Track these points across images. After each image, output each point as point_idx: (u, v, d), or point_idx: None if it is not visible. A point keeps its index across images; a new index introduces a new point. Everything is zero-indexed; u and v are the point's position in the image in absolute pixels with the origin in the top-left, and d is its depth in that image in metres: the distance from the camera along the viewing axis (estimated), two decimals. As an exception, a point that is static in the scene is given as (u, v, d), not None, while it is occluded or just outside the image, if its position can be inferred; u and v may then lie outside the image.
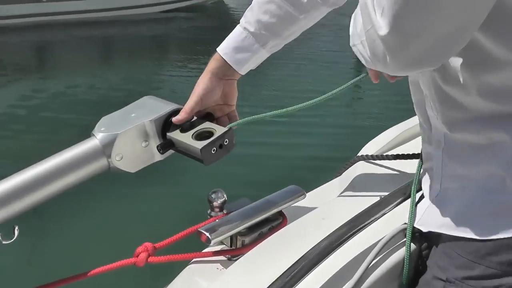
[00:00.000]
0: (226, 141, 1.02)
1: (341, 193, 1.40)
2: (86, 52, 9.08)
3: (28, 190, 0.92)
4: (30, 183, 0.93)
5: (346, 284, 0.89)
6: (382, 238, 0.98)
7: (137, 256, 1.01)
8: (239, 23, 1.11)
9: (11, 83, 6.78)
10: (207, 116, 1.10)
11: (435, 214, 0.90)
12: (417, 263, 1.00)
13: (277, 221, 1.12)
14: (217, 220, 1.05)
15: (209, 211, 1.10)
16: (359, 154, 1.55)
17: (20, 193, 0.91)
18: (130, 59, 8.85)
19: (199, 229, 1.01)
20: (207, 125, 1.06)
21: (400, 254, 0.99)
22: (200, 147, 0.99)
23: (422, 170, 1.06)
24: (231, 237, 1.06)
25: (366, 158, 1.49)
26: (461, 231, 0.81)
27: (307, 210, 1.27)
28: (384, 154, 1.51)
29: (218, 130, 1.03)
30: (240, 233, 1.06)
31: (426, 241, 0.97)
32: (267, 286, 0.79)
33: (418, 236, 0.98)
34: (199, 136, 1.03)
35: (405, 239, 0.98)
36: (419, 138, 1.10)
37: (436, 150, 0.92)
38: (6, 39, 9.10)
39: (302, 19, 1.08)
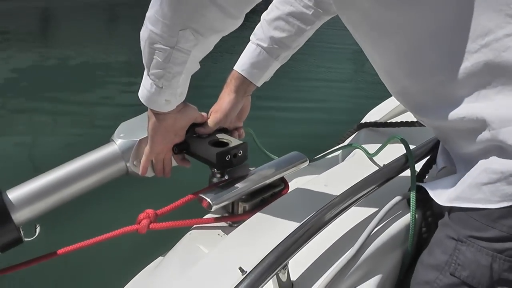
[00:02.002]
0: (240, 152, 1.07)
1: (344, 159, 1.39)
2: (92, 19, 8.95)
3: (51, 192, 0.98)
4: (53, 186, 0.99)
5: (349, 251, 0.88)
6: (385, 205, 0.97)
7: (139, 223, 1.01)
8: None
9: (16, 51, 6.71)
10: (221, 129, 1.16)
11: (445, 186, 0.90)
12: (420, 230, 0.99)
13: (279, 188, 1.12)
14: (218, 186, 1.04)
15: (210, 177, 1.10)
16: (363, 121, 1.54)
17: (44, 195, 0.97)
18: (138, 27, 8.74)
19: (200, 195, 1.00)
20: (222, 136, 1.12)
21: (403, 220, 0.98)
22: (215, 152, 1.04)
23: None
24: (233, 203, 1.06)
25: (370, 125, 1.48)
26: (472, 202, 0.82)
27: (309, 176, 1.27)
28: (388, 121, 1.50)
29: (234, 141, 1.10)
30: (241, 199, 1.05)
31: (432, 207, 0.97)
32: (269, 252, 0.79)
33: (421, 203, 0.97)
34: (215, 144, 1.09)
35: (408, 205, 0.98)
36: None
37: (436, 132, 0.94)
38: (10, 6, 8.97)
39: (308, 30, 1.18)
